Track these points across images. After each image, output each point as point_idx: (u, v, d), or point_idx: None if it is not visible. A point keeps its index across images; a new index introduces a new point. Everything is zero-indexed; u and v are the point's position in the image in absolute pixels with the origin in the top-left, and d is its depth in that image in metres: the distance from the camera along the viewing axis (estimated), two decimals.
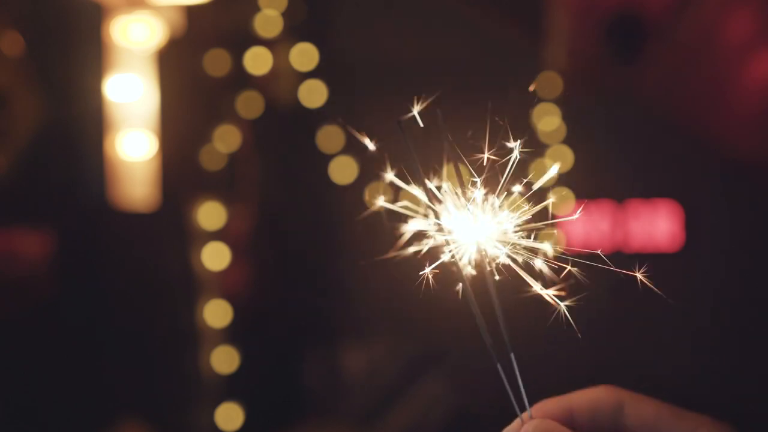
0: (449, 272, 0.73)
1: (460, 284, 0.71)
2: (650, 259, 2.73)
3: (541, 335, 0.74)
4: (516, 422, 0.77)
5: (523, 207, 0.74)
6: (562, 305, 0.72)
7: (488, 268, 0.72)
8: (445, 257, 0.72)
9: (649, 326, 2.68)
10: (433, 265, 0.72)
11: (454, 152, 0.69)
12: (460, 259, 0.72)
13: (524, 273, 0.73)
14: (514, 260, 0.73)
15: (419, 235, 0.73)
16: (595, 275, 0.73)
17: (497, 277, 0.72)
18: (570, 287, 0.72)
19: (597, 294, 0.74)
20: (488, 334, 0.73)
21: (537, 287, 0.71)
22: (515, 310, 0.73)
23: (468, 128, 0.72)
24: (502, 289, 0.73)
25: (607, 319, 2.68)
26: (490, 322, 0.73)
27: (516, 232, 0.74)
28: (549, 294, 0.72)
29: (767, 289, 2.62)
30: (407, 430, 2.74)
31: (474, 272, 0.72)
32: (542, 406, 0.78)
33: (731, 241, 2.70)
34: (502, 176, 0.72)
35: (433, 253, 0.73)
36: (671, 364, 2.57)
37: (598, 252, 0.74)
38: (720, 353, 2.59)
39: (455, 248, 0.72)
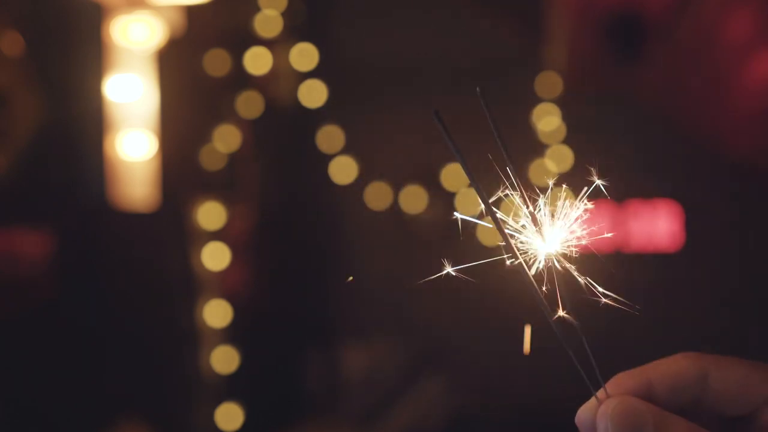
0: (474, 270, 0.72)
1: (523, 273, 0.70)
2: (650, 259, 2.73)
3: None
4: (591, 401, 0.70)
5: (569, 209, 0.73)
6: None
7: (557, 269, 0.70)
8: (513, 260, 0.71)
9: (646, 323, 2.68)
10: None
11: (499, 133, 0.66)
12: (529, 262, 0.71)
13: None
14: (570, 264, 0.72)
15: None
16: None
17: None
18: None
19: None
20: (554, 320, 0.69)
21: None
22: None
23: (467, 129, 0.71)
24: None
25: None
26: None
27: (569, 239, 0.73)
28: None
29: (766, 288, 2.62)
30: (407, 430, 2.74)
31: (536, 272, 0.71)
32: (618, 381, 0.70)
33: (731, 241, 2.70)
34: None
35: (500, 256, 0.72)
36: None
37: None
38: (719, 351, 2.59)
39: (525, 253, 0.71)
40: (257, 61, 2.78)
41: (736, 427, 0.73)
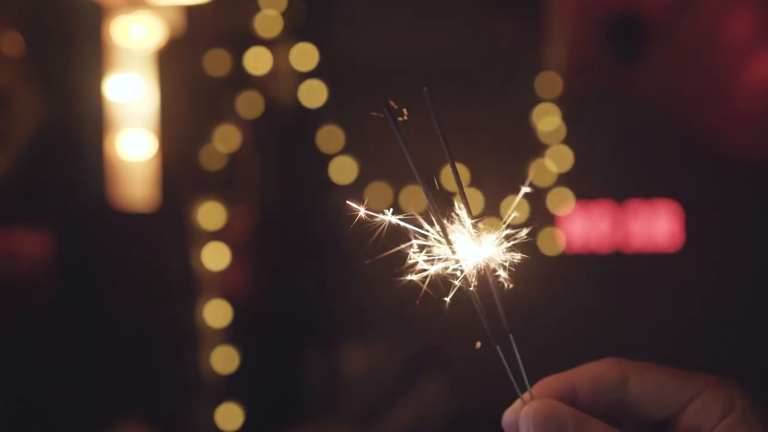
0: (447, 273, 0.73)
1: (460, 277, 0.72)
2: (650, 259, 2.73)
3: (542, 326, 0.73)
4: (517, 403, 0.73)
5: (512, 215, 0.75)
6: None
7: (489, 271, 0.73)
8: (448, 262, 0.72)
9: (647, 323, 2.69)
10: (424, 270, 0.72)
11: (444, 133, 0.69)
12: (463, 266, 0.73)
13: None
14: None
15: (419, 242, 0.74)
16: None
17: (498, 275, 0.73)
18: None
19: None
20: (487, 319, 0.72)
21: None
22: (516, 307, 0.73)
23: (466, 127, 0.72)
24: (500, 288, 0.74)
25: (601, 316, 2.69)
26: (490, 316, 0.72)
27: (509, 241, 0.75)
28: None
29: (766, 288, 2.62)
30: (407, 430, 2.74)
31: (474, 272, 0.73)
32: (543, 384, 0.74)
33: (731, 240, 2.70)
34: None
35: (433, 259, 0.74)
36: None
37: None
38: (719, 351, 2.59)
39: (459, 258, 0.73)
40: (257, 61, 2.78)
41: None
